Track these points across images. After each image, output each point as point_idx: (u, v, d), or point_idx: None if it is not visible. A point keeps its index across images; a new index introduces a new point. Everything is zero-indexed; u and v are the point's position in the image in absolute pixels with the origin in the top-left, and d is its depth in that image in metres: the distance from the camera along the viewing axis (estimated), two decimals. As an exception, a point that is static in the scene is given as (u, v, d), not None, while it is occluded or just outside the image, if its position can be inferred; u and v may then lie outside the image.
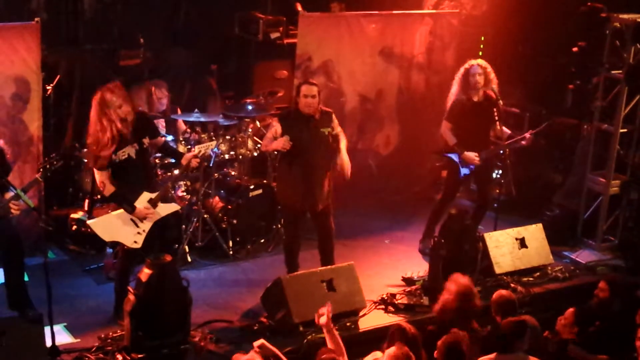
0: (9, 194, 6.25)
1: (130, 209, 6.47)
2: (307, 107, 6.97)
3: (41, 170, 6.28)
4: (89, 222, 6.76)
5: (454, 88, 8.02)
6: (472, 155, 7.87)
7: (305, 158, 6.99)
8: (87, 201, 8.03)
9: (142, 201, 6.53)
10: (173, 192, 8.01)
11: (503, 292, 6.41)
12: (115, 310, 6.72)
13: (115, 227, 6.51)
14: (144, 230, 6.56)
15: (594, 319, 6.67)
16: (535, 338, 6.01)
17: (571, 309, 6.66)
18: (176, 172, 7.68)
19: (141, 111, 7.29)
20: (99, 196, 7.54)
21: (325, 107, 7.25)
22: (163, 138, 7.04)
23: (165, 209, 6.68)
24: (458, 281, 6.19)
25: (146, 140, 6.58)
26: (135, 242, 6.55)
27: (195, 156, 6.72)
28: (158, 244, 6.69)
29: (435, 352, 5.40)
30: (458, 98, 7.94)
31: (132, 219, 6.52)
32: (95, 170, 6.52)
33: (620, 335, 6.42)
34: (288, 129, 7.00)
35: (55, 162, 6.32)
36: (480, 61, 7.94)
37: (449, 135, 7.98)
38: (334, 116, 7.23)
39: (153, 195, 6.56)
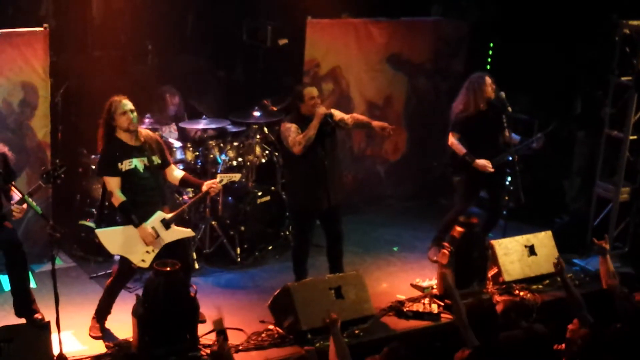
0: (14, 200, 6.24)
1: (136, 222, 6.35)
2: (316, 108, 6.94)
3: (44, 175, 6.26)
4: (96, 231, 6.59)
5: (462, 99, 7.94)
6: (484, 163, 7.82)
7: (317, 158, 6.95)
8: (95, 210, 7.99)
9: (155, 220, 6.41)
10: (189, 215, 7.93)
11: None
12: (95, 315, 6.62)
13: (123, 242, 6.38)
14: (153, 250, 6.42)
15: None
16: (545, 346, 5.97)
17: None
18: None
19: (158, 134, 7.34)
20: (107, 204, 7.51)
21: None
22: (182, 172, 6.82)
23: (176, 233, 6.52)
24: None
25: (156, 158, 6.51)
26: (143, 260, 6.41)
27: (216, 184, 6.61)
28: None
29: None
30: (464, 109, 7.88)
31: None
32: (104, 178, 6.48)
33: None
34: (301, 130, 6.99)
35: (58, 168, 6.29)
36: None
37: (457, 146, 7.89)
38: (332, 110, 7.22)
39: (167, 216, 6.46)
